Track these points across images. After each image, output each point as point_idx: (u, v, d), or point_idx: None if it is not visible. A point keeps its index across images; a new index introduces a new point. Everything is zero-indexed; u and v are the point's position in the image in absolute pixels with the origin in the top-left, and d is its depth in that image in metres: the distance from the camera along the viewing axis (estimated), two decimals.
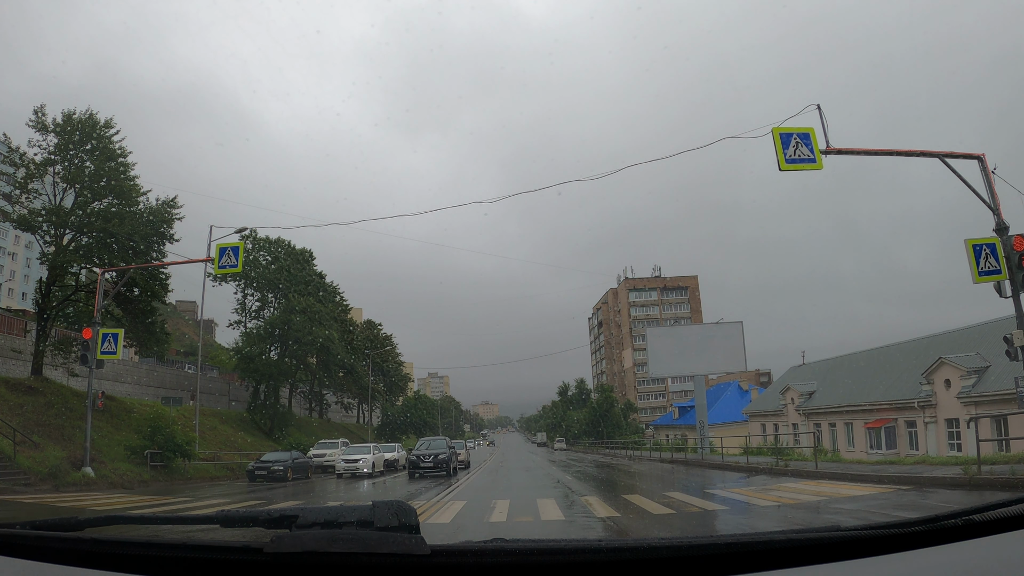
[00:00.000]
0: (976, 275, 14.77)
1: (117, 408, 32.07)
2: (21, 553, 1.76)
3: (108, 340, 22.97)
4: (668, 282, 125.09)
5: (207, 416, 43.98)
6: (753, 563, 1.48)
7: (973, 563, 1.44)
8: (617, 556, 1.49)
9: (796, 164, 14.41)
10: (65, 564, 1.69)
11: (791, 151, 14.32)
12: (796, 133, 14.41)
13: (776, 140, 14.37)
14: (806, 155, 14.35)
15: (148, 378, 48.46)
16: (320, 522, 1.57)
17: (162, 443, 26.50)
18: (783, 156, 14.28)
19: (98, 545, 1.72)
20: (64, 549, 1.75)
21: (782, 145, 14.30)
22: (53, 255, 29.34)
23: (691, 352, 40.76)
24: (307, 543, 1.44)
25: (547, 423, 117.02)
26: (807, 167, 14.53)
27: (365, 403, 75.83)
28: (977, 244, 14.85)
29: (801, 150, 14.34)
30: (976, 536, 1.51)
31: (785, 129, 14.42)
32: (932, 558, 1.46)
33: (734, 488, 17.07)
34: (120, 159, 32.67)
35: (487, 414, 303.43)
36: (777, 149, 14.34)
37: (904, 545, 1.49)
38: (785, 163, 14.30)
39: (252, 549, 1.51)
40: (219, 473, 31.00)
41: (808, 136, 14.42)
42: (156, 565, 1.65)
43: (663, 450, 43.86)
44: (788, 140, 14.35)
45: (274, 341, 51.07)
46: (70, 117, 31.84)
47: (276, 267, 53.18)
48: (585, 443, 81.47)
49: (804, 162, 14.41)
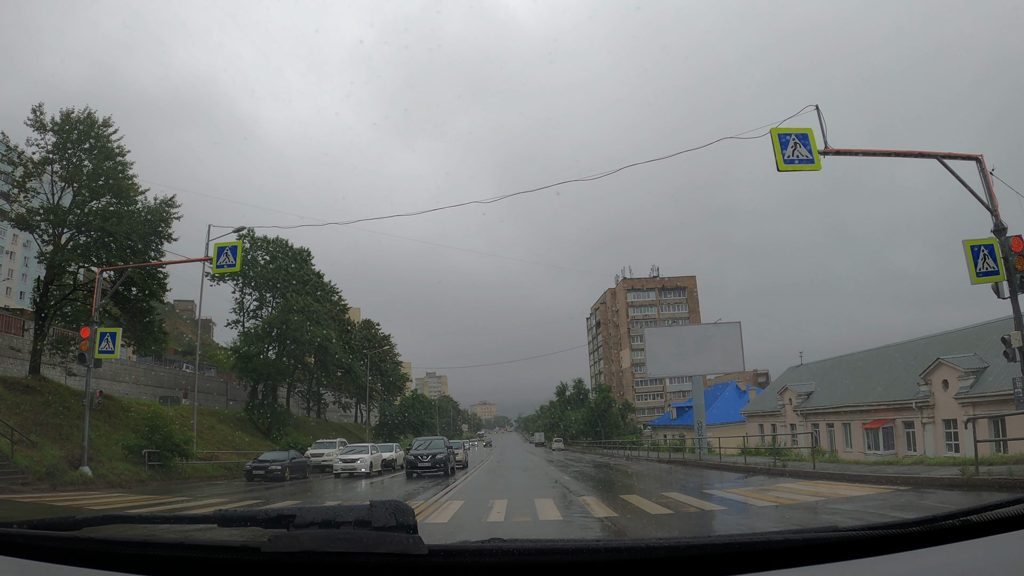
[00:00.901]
0: (974, 276, 14.79)
1: (115, 407, 32.01)
2: (19, 552, 1.76)
3: (106, 339, 22.93)
4: (666, 282, 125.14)
5: (205, 415, 43.96)
6: (750, 563, 1.48)
7: (971, 564, 1.45)
8: (615, 556, 1.50)
9: (794, 165, 14.41)
10: (63, 563, 1.69)
11: (789, 152, 14.32)
12: (794, 134, 14.41)
13: (775, 141, 14.36)
14: (804, 156, 14.36)
15: (146, 377, 48.31)
16: (318, 522, 1.58)
17: (160, 442, 26.46)
18: (781, 157, 14.28)
19: (96, 544, 1.72)
20: (62, 548, 1.75)
21: (780, 146, 14.30)
22: (51, 254, 29.27)
23: (689, 352, 40.73)
24: (305, 543, 1.45)
25: (545, 423, 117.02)
26: (805, 168, 14.53)
27: (363, 403, 75.76)
28: (975, 245, 14.87)
29: (799, 151, 14.33)
30: (974, 537, 1.51)
31: (783, 130, 14.42)
32: (930, 559, 1.46)
33: (732, 488, 17.08)
34: (118, 158, 32.74)
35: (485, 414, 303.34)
36: (775, 150, 14.34)
37: (902, 546, 1.49)
38: (783, 164, 14.29)
39: (250, 548, 1.52)
40: (217, 473, 30.96)
41: (806, 137, 14.42)
42: (154, 564, 1.65)
43: (661, 450, 43.85)
44: (786, 141, 14.35)
45: (272, 340, 51.01)
46: (68, 116, 31.77)
47: (274, 266, 53.10)
48: (583, 443, 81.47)
49: (802, 163, 14.41)
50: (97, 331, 22.72)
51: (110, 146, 32.32)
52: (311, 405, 67.99)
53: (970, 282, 14.86)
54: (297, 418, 59.01)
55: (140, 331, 32.68)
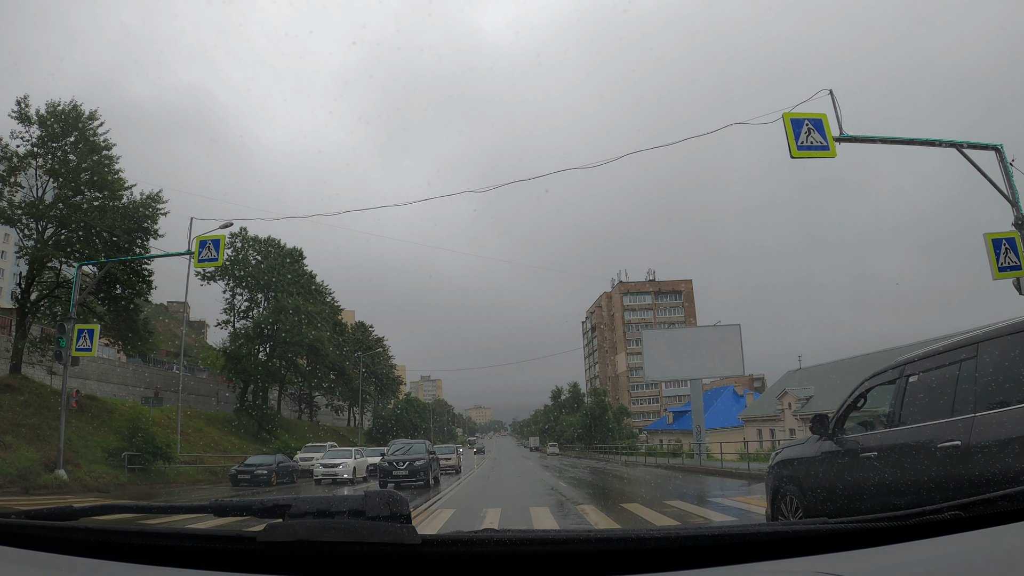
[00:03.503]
0: (996, 271, 14.00)
1: (99, 408, 31.08)
2: (17, 542, 1.77)
3: (84, 336, 21.97)
4: (662, 286, 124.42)
5: (193, 418, 43.04)
6: (741, 554, 1.48)
7: (961, 556, 1.44)
8: (606, 547, 1.51)
9: (808, 151, 13.61)
10: (60, 553, 1.71)
11: (803, 138, 13.53)
12: (808, 119, 13.61)
13: (787, 126, 13.54)
14: (819, 142, 13.55)
15: (135, 378, 47.43)
16: (312, 512, 1.56)
17: (140, 445, 25.48)
18: (795, 142, 13.48)
19: (93, 534, 1.74)
20: (60, 538, 1.76)
21: (794, 131, 13.51)
22: (32, 249, 28.44)
23: (688, 355, 39.88)
24: (300, 532, 1.44)
25: (540, 427, 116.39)
26: (820, 155, 13.73)
27: (356, 406, 74.85)
28: (996, 239, 14.09)
29: (813, 136, 13.53)
30: (964, 530, 1.50)
31: (796, 115, 13.61)
32: (920, 551, 1.46)
33: (737, 496, 16.36)
34: (104, 152, 32.11)
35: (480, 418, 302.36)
36: (788, 135, 13.52)
37: (892, 538, 1.49)
38: (797, 150, 13.48)
39: (245, 538, 1.53)
40: (201, 477, 30.02)
41: (820, 122, 13.62)
42: (150, 554, 1.65)
43: (658, 455, 43.21)
44: (800, 126, 13.54)
45: (263, 341, 50.13)
46: (54, 108, 31.26)
47: (266, 265, 52.26)
48: (578, 448, 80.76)
49: (816, 149, 13.60)
50: (75, 328, 21.77)
51: (95, 140, 31.76)
52: (303, 408, 67.04)
53: (991, 277, 14.09)
54: (289, 421, 58.12)
55: (125, 330, 31.80)
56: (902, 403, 5.24)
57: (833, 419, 6.14)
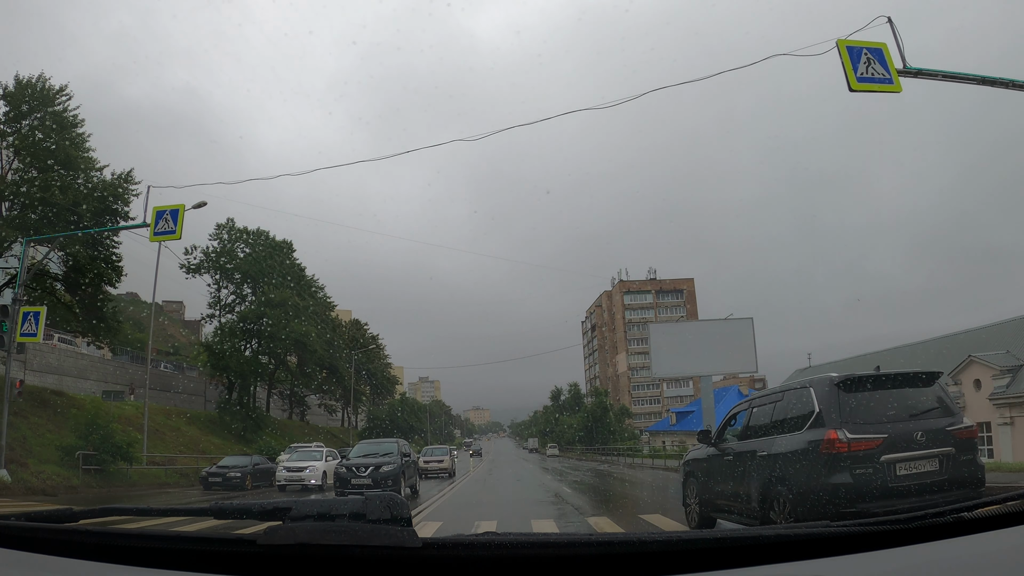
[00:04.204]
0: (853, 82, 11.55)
1: (64, 404, 28.73)
2: (16, 545, 1.74)
3: (29, 320, 19.60)
4: (664, 285, 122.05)
5: (172, 416, 40.69)
6: (743, 558, 1.47)
7: (960, 560, 1.43)
8: (608, 550, 1.48)
9: (869, 84, 11.24)
10: (60, 555, 1.68)
11: (862, 69, 11.23)
12: (866, 48, 11.32)
13: (844, 54, 11.16)
14: (880, 74, 11.22)
15: (116, 375, 45.11)
16: (313, 514, 1.53)
17: (97, 443, 23.08)
18: (854, 74, 11.16)
19: (93, 536, 1.72)
20: (59, 540, 1.73)
21: (852, 61, 11.19)
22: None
23: (697, 350, 37.27)
24: (300, 535, 1.43)
25: (539, 428, 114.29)
26: (882, 88, 11.39)
27: (349, 406, 72.48)
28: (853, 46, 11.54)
29: (874, 67, 11.24)
30: (968, 533, 1.48)
31: (853, 43, 11.30)
32: (922, 554, 1.44)
33: None
34: (74, 130, 30.15)
35: (478, 419, 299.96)
36: (845, 65, 11.15)
37: (894, 541, 1.47)
38: (856, 82, 11.12)
39: (246, 541, 1.51)
40: (170, 479, 27.58)
41: (881, 52, 11.30)
42: (151, 557, 1.61)
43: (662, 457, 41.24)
44: (858, 55, 11.20)
45: (249, 336, 47.80)
46: (22, 83, 29.36)
47: (252, 256, 49.89)
48: (578, 449, 78.56)
49: (878, 82, 11.27)
50: (20, 311, 19.43)
51: (65, 116, 29.83)
52: (293, 407, 64.70)
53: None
54: (279, 421, 55.78)
55: (91, 319, 29.57)
56: (747, 425, 8.64)
57: (715, 432, 9.70)
